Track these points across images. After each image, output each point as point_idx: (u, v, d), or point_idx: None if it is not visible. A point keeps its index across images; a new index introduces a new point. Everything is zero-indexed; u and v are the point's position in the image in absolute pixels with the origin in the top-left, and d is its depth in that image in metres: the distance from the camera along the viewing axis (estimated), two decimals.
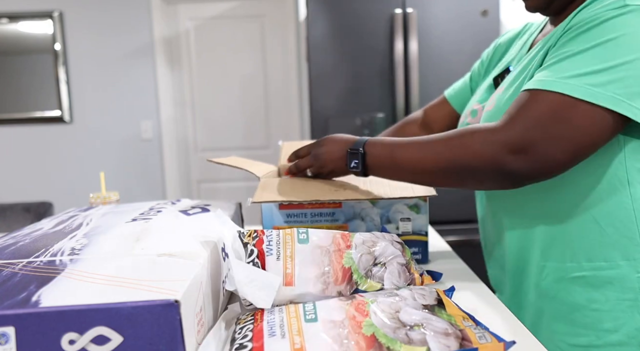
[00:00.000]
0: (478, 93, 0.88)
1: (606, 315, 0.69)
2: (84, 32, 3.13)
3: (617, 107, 0.59)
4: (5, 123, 3.17)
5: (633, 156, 0.66)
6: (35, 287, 0.45)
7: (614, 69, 0.59)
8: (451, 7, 2.21)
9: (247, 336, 0.47)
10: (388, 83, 2.27)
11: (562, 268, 0.72)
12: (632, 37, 0.59)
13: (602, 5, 0.63)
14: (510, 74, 0.78)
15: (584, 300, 0.70)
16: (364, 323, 0.47)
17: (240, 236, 0.59)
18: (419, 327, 0.46)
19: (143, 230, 0.63)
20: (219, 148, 3.32)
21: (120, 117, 3.19)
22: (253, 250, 0.58)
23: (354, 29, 2.25)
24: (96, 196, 1.08)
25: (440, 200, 1.30)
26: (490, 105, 0.77)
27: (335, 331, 0.46)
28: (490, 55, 0.96)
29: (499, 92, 0.76)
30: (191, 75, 3.29)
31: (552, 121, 0.61)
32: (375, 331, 0.46)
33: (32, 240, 0.62)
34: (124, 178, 3.21)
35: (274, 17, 3.22)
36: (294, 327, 0.47)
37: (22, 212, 2.75)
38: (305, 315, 0.49)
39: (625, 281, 0.68)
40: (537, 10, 0.74)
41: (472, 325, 0.48)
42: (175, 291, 0.43)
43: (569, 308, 0.72)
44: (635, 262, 0.67)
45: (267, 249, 0.58)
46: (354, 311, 0.49)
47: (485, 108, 0.79)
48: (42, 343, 0.41)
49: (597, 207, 0.68)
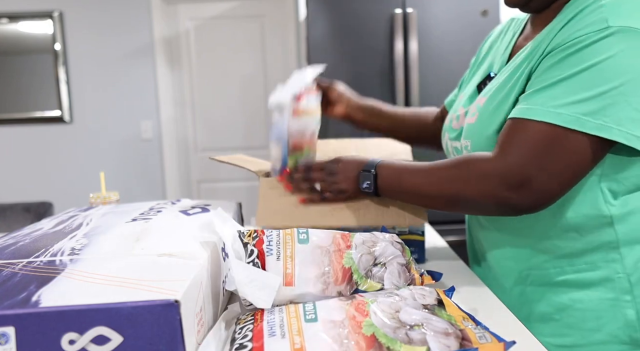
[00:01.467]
0: (463, 98, 0.88)
1: (590, 314, 0.70)
2: (84, 32, 3.13)
3: (608, 134, 0.60)
4: (5, 123, 3.17)
5: (610, 169, 0.67)
6: (35, 287, 0.45)
7: (601, 96, 0.60)
8: (451, 7, 2.21)
9: (247, 336, 0.47)
10: (388, 83, 2.27)
11: (546, 275, 0.74)
12: (615, 61, 0.60)
13: (584, 25, 0.62)
14: (491, 83, 0.78)
15: (568, 300, 0.72)
16: (364, 323, 0.47)
17: (240, 236, 0.59)
18: (419, 327, 0.46)
19: (143, 230, 0.63)
20: (219, 148, 3.32)
21: (120, 117, 3.19)
22: (253, 250, 0.58)
23: (354, 29, 2.25)
24: (96, 196, 1.08)
25: None
26: (473, 117, 0.77)
27: (335, 331, 0.46)
28: (476, 60, 0.95)
29: (480, 104, 0.76)
30: (191, 75, 3.29)
31: (545, 153, 0.62)
32: (375, 331, 0.46)
33: (32, 240, 0.62)
34: (124, 178, 3.21)
35: (274, 17, 3.22)
36: (294, 327, 0.47)
37: (22, 212, 2.75)
38: (305, 315, 0.49)
39: (607, 282, 0.70)
40: (516, 6, 0.74)
41: (472, 325, 0.48)
42: (175, 291, 0.43)
43: (554, 309, 0.73)
44: (615, 263, 0.69)
45: (267, 249, 0.58)
46: (354, 311, 0.49)
47: (468, 117, 0.79)
48: (42, 343, 0.41)
49: (576, 217, 0.69)
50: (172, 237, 0.60)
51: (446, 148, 0.89)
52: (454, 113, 0.87)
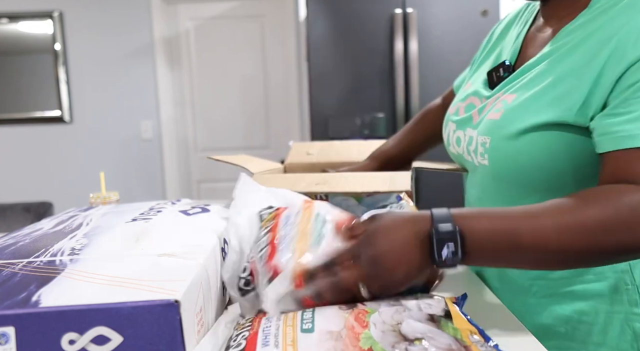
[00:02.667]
0: (473, 85, 0.81)
1: (596, 328, 0.67)
2: (84, 32, 3.13)
3: None
4: (5, 123, 3.17)
5: None
6: (35, 287, 0.45)
7: None
8: (451, 7, 2.21)
9: (241, 345, 0.46)
10: (388, 83, 2.27)
11: (551, 285, 0.70)
12: None
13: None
14: (517, 80, 0.70)
15: (574, 313, 0.69)
16: (363, 335, 0.45)
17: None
18: (420, 342, 0.44)
19: (143, 230, 0.63)
20: (219, 148, 3.32)
21: (120, 117, 3.19)
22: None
23: (354, 29, 2.25)
24: (96, 196, 1.08)
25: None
26: (497, 113, 0.69)
27: (331, 344, 0.44)
28: (487, 42, 0.89)
29: (508, 101, 0.68)
30: (191, 75, 3.29)
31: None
32: (372, 345, 0.44)
33: (32, 240, 0.61)
34: (124, 178, 3.21)
35: (274, 17, 3.22)
36: (288, 337, 0.45)
37: (22, 212, 2.75)
38: (302, 323, 0.47)
39: (615, 294, 0.67)
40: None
41: (480, 341, 0.45)
42: (175, 291, 0.43)
43: (559, 322, 0.70)
44: (624, 274, 0.66)
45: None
46: (353, 321, 0.47)
47: (491, 113, 0.71)
48: (42, 343, 0.41)
49: None
50: (172, 237, 0.60)
51: (447, 139, 0.83)
52: (462, 102, 0.81)
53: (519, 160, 0.65)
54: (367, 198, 0.79)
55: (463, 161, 0.81)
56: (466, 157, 0.78)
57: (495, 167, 0.69)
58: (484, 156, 0.70)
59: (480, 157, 0.72)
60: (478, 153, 0.72)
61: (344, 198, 0.79)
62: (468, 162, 0.78)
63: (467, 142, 0.76)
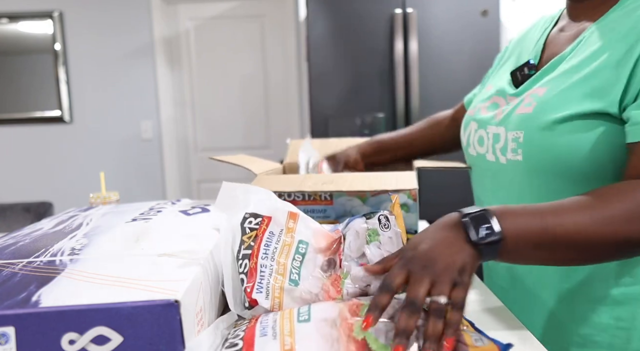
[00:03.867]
0: (495, 86, 0.81)
1: (635, 334, 0.65)
2: (84, 32, 3.13)
3: None
4: (5, 123, 3.17)
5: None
6: (35, 287, 0.45)
7: None
8: (451, 7, 2.21)
9: (239, 336, 0.47)
10: (388, 83, 2.27)
11: (586, 291, 0.68)
12: None
13: None
14: (547, 75, 0.70)
15: (611, 319, 0.67)
16: (355, 325, 0.46)
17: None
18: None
19: (143, 230, 0.63)
20: (219, 148, 3.32)
21: (120, 117, 3.19)
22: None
23: (354, 29, 2.25)
24: (96, 196, 1.08)
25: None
26: (529, 107, 0.68)
27: (327, 331, 0.45)
28: (502, 56, 0.90)
29: (539, 94, 0.68)
30: (191, 75, 3.29)
31: None
32: (366, 336, 0.45)
33: (32, 240, 0.61)
34: (124, 178, 3.21)
35: (274, 17, 3.22)
36: (286, 328, 0.46)
37: (22, 212, 2.75)
38: (299, 316, 0.48)
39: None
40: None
41: (471, 330, 0.47)
42: (175, 291, 0.43)
43: (594, 330, 0.68)
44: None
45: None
46: (347, 313, 0.48)
47: (521, 107, 0.70)
48: (42, 343, 0.41)
49: None
50: (172, 237, 0.60)
51: (467, 140, 0.82)
52: (483, 102, 0.81)
53: (555, 150, 0.64)
54: (371, 199, 0.80)
55: (483, 162, 0.79)
56: (489, 157, 0.76)
57: (531, 160, 0.67)
58: (516, 151, 0.69)
59: (511, 153, 0.70)
60: (509, 149, 0.70)
61: (348, 199, 0.79)
62: (490, 162, 0.76)
63: (493, 140, 0.75)
